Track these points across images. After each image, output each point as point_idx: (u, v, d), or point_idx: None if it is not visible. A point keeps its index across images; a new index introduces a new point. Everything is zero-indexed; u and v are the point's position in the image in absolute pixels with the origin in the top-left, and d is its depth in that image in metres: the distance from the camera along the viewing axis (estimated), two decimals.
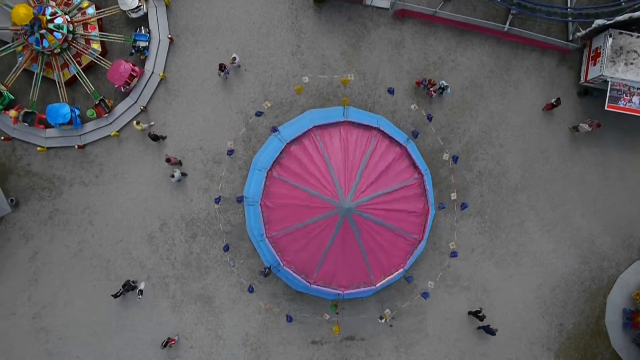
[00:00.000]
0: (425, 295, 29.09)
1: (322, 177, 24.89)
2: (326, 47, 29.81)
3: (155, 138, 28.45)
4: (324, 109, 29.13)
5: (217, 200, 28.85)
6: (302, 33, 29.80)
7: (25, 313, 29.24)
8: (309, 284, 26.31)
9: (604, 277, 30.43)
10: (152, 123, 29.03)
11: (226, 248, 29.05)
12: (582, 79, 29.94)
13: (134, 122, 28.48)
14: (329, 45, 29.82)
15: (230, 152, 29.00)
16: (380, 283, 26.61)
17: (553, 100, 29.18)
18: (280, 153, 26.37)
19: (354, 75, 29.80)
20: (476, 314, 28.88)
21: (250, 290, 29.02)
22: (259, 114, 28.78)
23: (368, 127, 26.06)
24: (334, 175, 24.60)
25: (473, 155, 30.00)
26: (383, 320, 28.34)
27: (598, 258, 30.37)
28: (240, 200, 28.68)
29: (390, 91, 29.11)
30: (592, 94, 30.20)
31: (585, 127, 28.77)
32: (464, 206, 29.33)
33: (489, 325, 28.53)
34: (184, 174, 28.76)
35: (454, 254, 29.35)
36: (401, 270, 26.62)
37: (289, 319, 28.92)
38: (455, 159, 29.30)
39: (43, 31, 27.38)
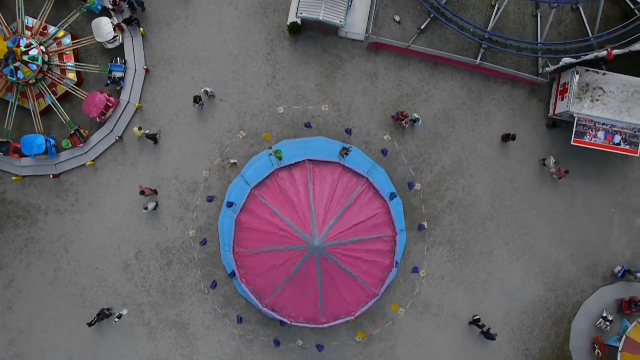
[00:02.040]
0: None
1: (301, 211, 25.42)
2: (301, 77, 30.25)
3: (153, 137, 28.83)
4: (325, 139, 29.57)
5: (210, 199, 29.30)
6: (277, 64, 30.19)
7: (0, 340, 29.49)
8: (261, 306, 27.14)
9: (569, 303, 31.38)
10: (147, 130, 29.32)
11: (204, 242, 29.59)
12: (551, 112, 30.69)
13: (135, 128, 28.74)
14: (304, 76, 30.26)
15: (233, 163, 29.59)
16: (328, 324, 27.54)
17: (510, 133, 29.81)
18: (269, 175, 26.81)
19: (328, 105, 30.20)
20: (476, 323, 29.92)
21: (213, 285, 29.61)
22: (210, 199, 29.45)
23: (358, 174, 26.55)
24: (313, 212, 25.17)
25: (444, 185, 30.70)
26: None
27: (563, 285, 31.31)
28: (211, 199, 29.23)
29: (347, 131, 29.81)
30: (560, 125, 31.02)
31: (551, 161, 29.56)
32: (415, 269, 30.33)
33: (489, 330, 29.57)
34: (156, 205, 29.05)
35: (415, 269, 30.16)
36: (350, 316, 27.45)
37: (277, 343, 29.60)
38: (410, 185, 30.08)
39: (17, 63, 27.51)
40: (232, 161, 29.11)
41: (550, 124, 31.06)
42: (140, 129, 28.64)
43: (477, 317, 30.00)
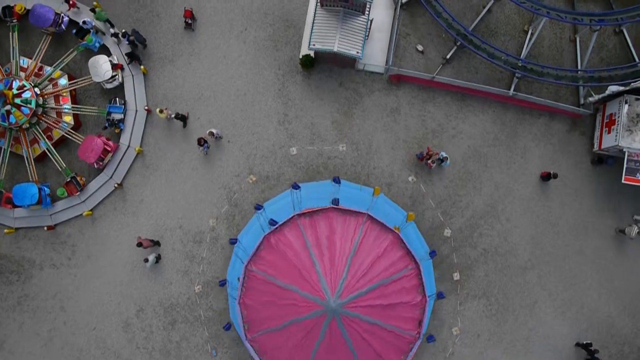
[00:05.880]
0: None
1: (306, 273, 22.38)
2: (315, 115, 27.63)
3: (183, 118, 26.46)
4: (310, 183, 26.73)
5: (232, 242, 26.17)
6: (289, 101, 27.66)
7: None
8: None
9: None
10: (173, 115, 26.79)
11: (227, 328, 26.48)
12: (596, 147, 27.39)
13: (157, 110, 26.03)
14: (319, 113, 27.64)
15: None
16: None
17: (552, 171, 26.56)
18: (260, 244, 23.91)
19: (346, 145, 27.42)
20: (586, 347, 26.45)
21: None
22: (221, 283, 26.42)
23: (356, 212, 23.55)
24: (319, 270, 22.11)
25: (477, 231, 27.48)
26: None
27: (618, 342, 27.54)
28: (222, 283, 26.27)
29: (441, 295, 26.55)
30: (607, 161, 27.66)
31: (634, 231, 26.16)
32: (440, 295, 26.59)
33: (596, 357, 26.23)
34: (158, 257, 26.42)
35: (440, 295, 26.59)
36: None
37: None
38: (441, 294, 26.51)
39: (9, 107, 25.43)
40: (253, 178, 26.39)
41: (596, 159, 27.73)
42: (162, 111, 25.91)
43: (588, 342, 26.59)
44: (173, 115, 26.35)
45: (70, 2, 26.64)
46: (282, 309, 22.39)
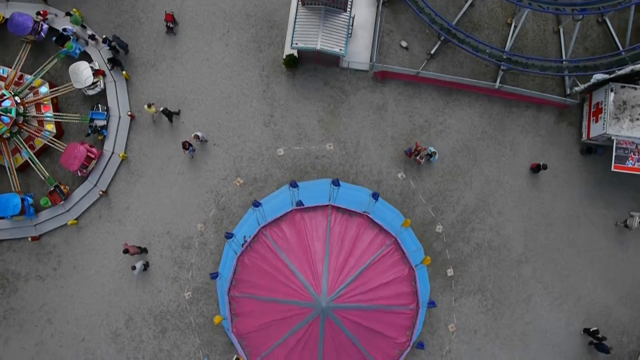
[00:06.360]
0: None
1: (313, 262, 21.81)
2: (302, 115, 27.33)
3: (169, 114, 25.92)
4: (350, 185, 26.43)
5: (256, 204, 25.09)
6: (274, 101, 27.36)
7: None
8: None
9: (624, 354, 27.24)
10: (162, 108, 26.24)
11: (214, 276, 25.34)
12: (584, 136, 27.25)
13: (145, 105, 25.73)
14: (305, 113, 27.35)
15: None
16: None
17: (541, 163, 26.39)
18: (284, 215, 23.62)
19: (333, 144, 27.11)
20: (593, 334, 26.20)
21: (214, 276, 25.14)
22: (213, 276, 24.74)
23: (386, 232, 23.37)
24: (327, 266, 21.62)
25: (469, 226, 27.15)
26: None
27: (616, 333, 27.17)
28: (229, 236, 25.10)
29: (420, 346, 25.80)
30: (597, 151, 27.52)
31: (635, 221, 25.97)
32: (420, 345, 25.81)
33: (603, 343, 25.80)
34: (146, 265, 25.88)
35: (420, 345, 25.78)
36: None
37: None
38: (421, 345, 25.68)
39: None
40: (240, 181, 25.79)
41: (585, 149, 27.57)
42: (150, 106, 25.64)
43: (595, 329, 26.27)
44: (162, 109, 25.92)
45: (42, 12, 26.29)
46: (275, 284, 21.94)
